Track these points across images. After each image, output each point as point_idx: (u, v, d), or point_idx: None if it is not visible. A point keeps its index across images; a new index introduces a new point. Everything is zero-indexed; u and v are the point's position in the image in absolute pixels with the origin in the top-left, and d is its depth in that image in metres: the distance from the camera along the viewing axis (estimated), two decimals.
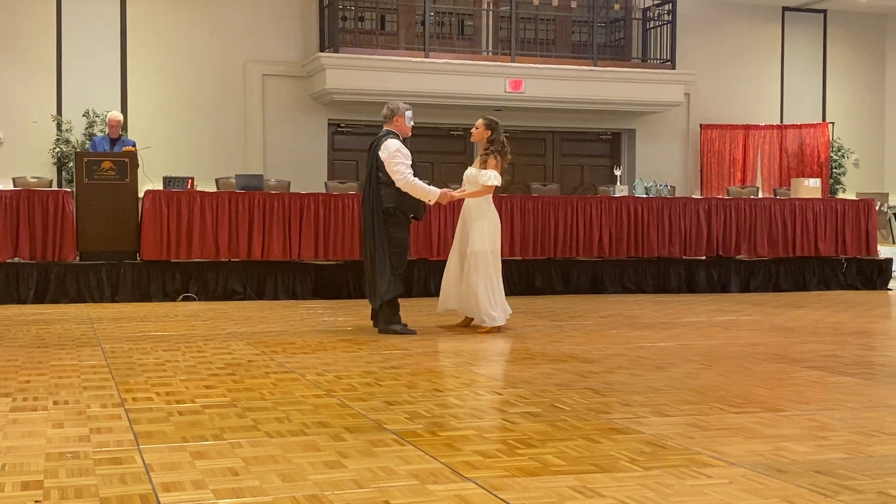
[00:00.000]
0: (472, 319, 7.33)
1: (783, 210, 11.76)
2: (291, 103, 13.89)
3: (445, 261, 7.62)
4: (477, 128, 7.37)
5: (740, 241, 11.60)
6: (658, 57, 15.00)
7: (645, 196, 11.52)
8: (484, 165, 7.23)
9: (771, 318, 8.44)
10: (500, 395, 4.61)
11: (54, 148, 12.67)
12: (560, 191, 12.47)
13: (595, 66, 14.36)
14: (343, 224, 10.16)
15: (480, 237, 7.17)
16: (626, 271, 11.29)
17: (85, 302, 9.51)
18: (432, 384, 4.87)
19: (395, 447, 3.48)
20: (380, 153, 6.97)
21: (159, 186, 10.13)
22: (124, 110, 12.87)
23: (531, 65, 14.05)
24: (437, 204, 7.46)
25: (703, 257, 11.59)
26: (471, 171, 7.33)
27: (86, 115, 12.75)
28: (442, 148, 14.91)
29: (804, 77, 16.32)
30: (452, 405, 4.32)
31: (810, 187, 12.50)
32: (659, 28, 15.04)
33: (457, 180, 7.93)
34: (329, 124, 14.21)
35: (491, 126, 7.32)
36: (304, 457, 3.32)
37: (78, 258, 9.70)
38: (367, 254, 7.10)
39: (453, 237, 10.13)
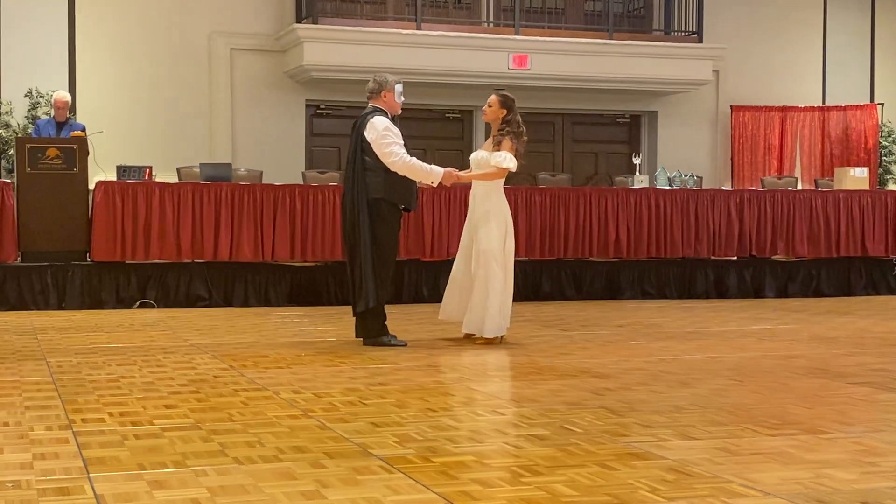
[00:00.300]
0: (473, 335, 7.23)
1: (825, 204, 11.78)
2: (264, 82, 13.88)
3: (438, 262, 7.63)
4: (490, 105, 7.29)
5: (776, 240, 11.62)
6: (683, 29, 15.01)
7: (668, 188, 11.54)
8: (497, 148, 7.16)
9: (811, 327, 8.45)
10: (503, 415, 4.61)
11: None
12: (571, 182, 12.49)
13: (611, 38, 14.37)
14: (323, 220, 10.16)
15: (488, 233, 7.11)
16: (647, 274, 11.31)
17: (28, 309, 9.50)
18: (425, 403, 4.87)
19: (382, 475, 3.48)
20: (365, 134, 6.90)
21: (112, 177, 10.11)
22: (72, 90, 12.85)
23: (538, 38, 14.06)
24: (440, 187, 7.44)
25: (735, 258, 11.61)
26: (480, 154, 7.29)
27: (28, 95, 12.74)
28: (436, 132, 14.91)
29: (849, 52, 16.34)
30: (448, 427, 4.33)
31: (856, 178, 12.53)
32: None
33: (453, 166, 7.85)
34: (307, 105, 14.20)
35: (506, 104, 7.25)
36: (278, 486, 3.32)
37: (19, 259, 9.69)
38: (348, 252, 7.07)
39: (449, 234, 10.19)
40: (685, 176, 11.95)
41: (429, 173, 6.95)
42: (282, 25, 13.76)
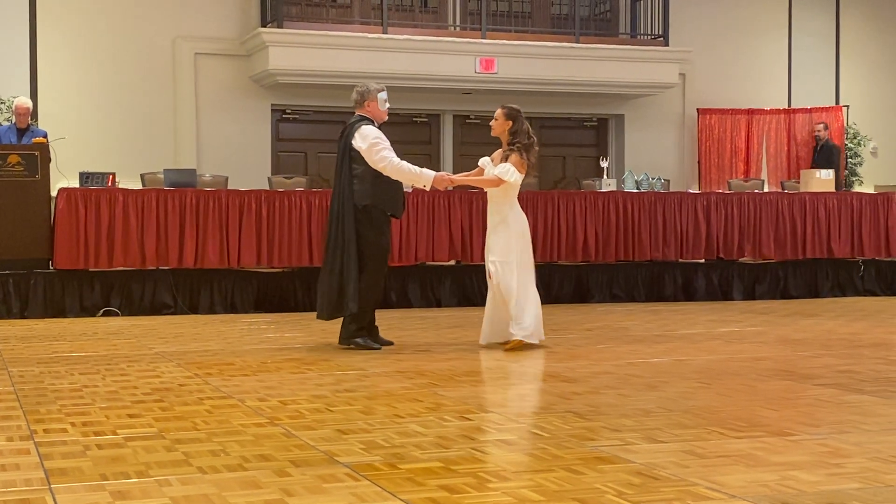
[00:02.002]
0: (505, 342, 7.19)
1: (792, 206, 11.88)
2: (228, 86, 13.82)
3: (407, 267, 7.64)
4: (496, 119, 7.25)
5: (743, 242, 11.70)
6: (649, 32, 15.10)
7: (636, 191, 11.60)
8: (504, 160, 7.15)
9: (778, 329, 8.52)
10: (470, 420, 4.62)
11: None
12: (538, 185, 12.52)
13: (577, 42, 14.43)
14: (289, 226, 10.14)
15: (497, 245, 7.14)
16: (615, 277, 11.36)
17: None
18: (392, 409, 4.87)
19: (348, 483, 3.48)
20: (354, 142, 7.00)
21: (75, 184, 10.04)
22: (33, 96, 12.74)
23: (504, 41, 14.10)
24: (433, 191, 7.49)
25: (702, 260, 11.68)
26: (484, 161, 7.30)
27: None
28: (403, 136, 14.84)
29: (815, 54, 16.49)
30: (415, 433, 4.33)
31: (822, 180, 12.64)
32: None
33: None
34: (273, 110, 14.16)
35: (512, 115, 7.21)
36: (242, 495, 3.31)
37: None
38: (330, 259, 7.06)
39: (416, 239, 10.18)
40: (652, 179, 12.02)
41: (419, 176, 7.01)
42: (247, 30, 13.71)
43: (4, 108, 12.48)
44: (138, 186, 10.49)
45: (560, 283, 11.17)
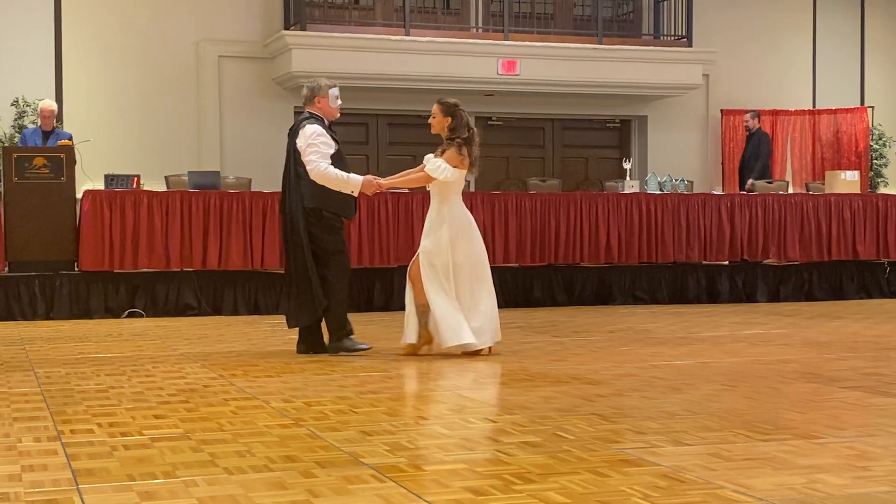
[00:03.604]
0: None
1: (817, 207, 11.82)
2: (252, 89, 13.88)
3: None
4: (434, 116, 6.97)
5: (768, 244, 11.65)
6: (672, 33, 15.06)
7: (658, 192, 11.56)
8: (439, 155, 6.89)
9: (803, 332, 8.47)
10: (495, 422, 4.61)
11: None
12: (561, 187, 12.49)
13: (600, 43, 14.40)
14: None
15: (425, 246, 6.80)
16: (638, 279, 11.33)
17: (15, 319, 9.48)
18: (416, 411, 4.87)
19: (373, 484, 3.48)
20: (298, 141, 6.83)
21: (100, 186, 10.10)
22: (59, 98, 12.83)
23: (527, 43, 14.08)
24: (366, 198, 7.21)
25: (726, 262, 11.64)
26: (428, 158, 6.97)
27: (14, 104, 12.71)
28: (425, 139, 14.79)
29: (839, 55, 16.40)
30: (439, 435, 4.33)
31: (847, 181, 12.56)
32: (673, 0, 15.09)
33: None
34: (295, 112, 14.18)
35: (450, 111, 6.91)
36: (268, 496, 3.32)
37: (7, 269, 9.66)
38: (288, 262, 6.97)
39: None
40: (676, 180, 11.98)
41: (346, 183, 6.74)
42: (270, 32, 13.76)
43: (30, 111, 12.58)
44: (162, 188, 10.54)
45: (582, 285, 11.15)
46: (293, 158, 6.89)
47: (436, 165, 6.78)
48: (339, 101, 7.11)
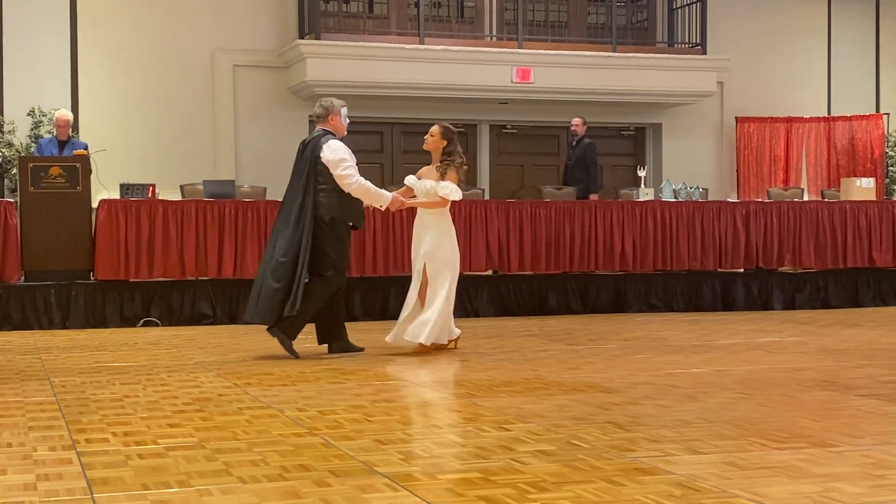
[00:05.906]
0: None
1: (832, 215, 11.78)
2: (267, 98, 13.92)
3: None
4: (432, 135, 7.67)
5: (783, 251, 11.62)
6: (687, 41, 15.04)
7: (673, 200, 11.54)
8: (442, 178, 7.53)
9: (819, 339, 8.44)
10: (509, 431, 4.60)
11: None
12: (576, 195, 12.48)
13: (614, 51, 14.40)
14: None
15: (440, 246, 7.51)
16: (653, 287, 11.30)
17: (31, 329, 9.51)
18: (430, 419, 4.86)
19: (387, 493, 3.48)
20: (323, 155, 7.18)
21: (116, 195, 10.13)
22: (74, 108, 12.90)
23: (541, 51, 14.09)
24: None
25: (741, 270, 11.60)
26: (429, 184, 7.56)
27: (31, 114, 12.78)
28: None
29: (854, 62, 16.35)
30: (453, 444, 4.32)
31: (863, 188, 12.52)
32: (688, 7, 15.08)
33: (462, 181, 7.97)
34: (310, 122, 14.22)
35: (447, 135, 7.64)
36: None
37: (23, 278, 9.70)
38: (273, 263, 7.20)
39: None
40: (690, 188, 11.96)
41: (380, 197, 7.32)
42: (284, 41, 13.80)
43: (46, 121, 12.64)
44: (178, 198, 10.57)
45: (597, 293, 11.13)
46: (313, 171, 7.22)
47: (450, 189, 7.48)
48: (347, 121, 7.56)
